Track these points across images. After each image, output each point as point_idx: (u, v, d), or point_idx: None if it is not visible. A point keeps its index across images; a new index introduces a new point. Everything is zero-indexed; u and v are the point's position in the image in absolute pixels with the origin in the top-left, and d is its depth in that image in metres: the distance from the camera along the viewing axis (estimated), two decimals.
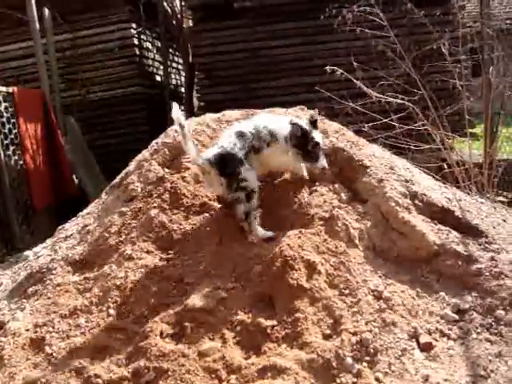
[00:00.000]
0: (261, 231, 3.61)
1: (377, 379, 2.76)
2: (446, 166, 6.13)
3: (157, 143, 4.56)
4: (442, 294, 3.27)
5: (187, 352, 2.97)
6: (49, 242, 4.59)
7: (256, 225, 3.63)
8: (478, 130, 8.96)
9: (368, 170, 3.84)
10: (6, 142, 7.62)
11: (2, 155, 7.38)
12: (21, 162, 8.05)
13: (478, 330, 3.02)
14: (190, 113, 11.59)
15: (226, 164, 3.55)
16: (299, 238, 3.44)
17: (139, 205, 4.05)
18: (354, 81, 5.70)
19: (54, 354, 3.21)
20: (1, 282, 4.64)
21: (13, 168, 7.84)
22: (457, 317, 3.14)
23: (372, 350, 2.89)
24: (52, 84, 9.70)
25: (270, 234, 3.60)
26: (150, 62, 12.26)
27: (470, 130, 7.25)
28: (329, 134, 4.14)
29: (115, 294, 3.47)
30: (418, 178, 4.00)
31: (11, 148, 7.81)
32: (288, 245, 3.35)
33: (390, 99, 5.82)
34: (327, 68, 5.78)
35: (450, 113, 6.64)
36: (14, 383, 3.08)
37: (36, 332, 3.40)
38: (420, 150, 6.35)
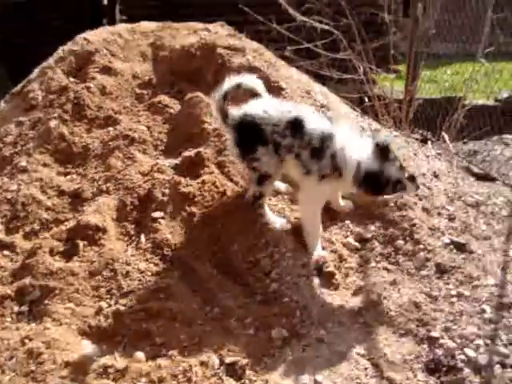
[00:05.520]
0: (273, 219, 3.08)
1: None
2: (366, 99, 6.10)
3: (63, 50, 4.26)
4: (347, 222, 3.25)
5: (77, 271, 2.82)
6: None
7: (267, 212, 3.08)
8: (403, 68, 9.00)
9: (283, 92, 3.70)
10: None
11: None
12: None
13: (378, 259, 3.03)
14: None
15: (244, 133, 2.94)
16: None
17: (39, 115, 3.79)
18: (281, 1, 5.46)
19: None
20: None
21: None
22: (359, 245, 3.14)
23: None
24: None
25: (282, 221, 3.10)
26: None
27: (394, 67, 7.23)
28: (246, 52, 3.94)
29: (5, 208, 3.27)
30: (334, 105, 3.90)
31: None
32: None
33: (316, 24, 5.63)
34: None
35: (376, 47, 6.54)
36: None
37: None
38: (343, 81, 6.27)
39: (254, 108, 2.93)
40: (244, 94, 3.12)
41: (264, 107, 2.90)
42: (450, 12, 6.77)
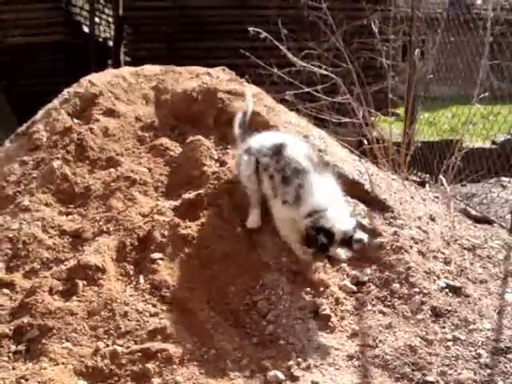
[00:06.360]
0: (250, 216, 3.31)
1: None
2: (366, 142, 6.18)
3: (68, 92, 4.31)
4: (343, 265, 3.28)
5: (76, 310, 2.84)
6: None
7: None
8: (401, 111, 9.15)
9: None
10: None
11: None
12: None
13: (374, 302, 3.05)
14: (116, 68, 11.13)
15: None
16: None
17: (42, 155, 3.83)
18: (281, 47, 5.61)
19: None
20: None
21: None
22: (355, 288, 3.16)
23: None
24: None
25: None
26: (78, 10, 11.63)
27: (394, 110, 7.35)
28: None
29: (6, 247, 3.28)
30: (332, 149, 3.97)
31: None
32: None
33: (315, 69, 5.76)
34: (251, 30, 5.65)
35: (376, 91, 6.67)
36: None
37: None
38: (343, 124, 6.37)
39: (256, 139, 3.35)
40: None
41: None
42: (447, 57, 6.96)
